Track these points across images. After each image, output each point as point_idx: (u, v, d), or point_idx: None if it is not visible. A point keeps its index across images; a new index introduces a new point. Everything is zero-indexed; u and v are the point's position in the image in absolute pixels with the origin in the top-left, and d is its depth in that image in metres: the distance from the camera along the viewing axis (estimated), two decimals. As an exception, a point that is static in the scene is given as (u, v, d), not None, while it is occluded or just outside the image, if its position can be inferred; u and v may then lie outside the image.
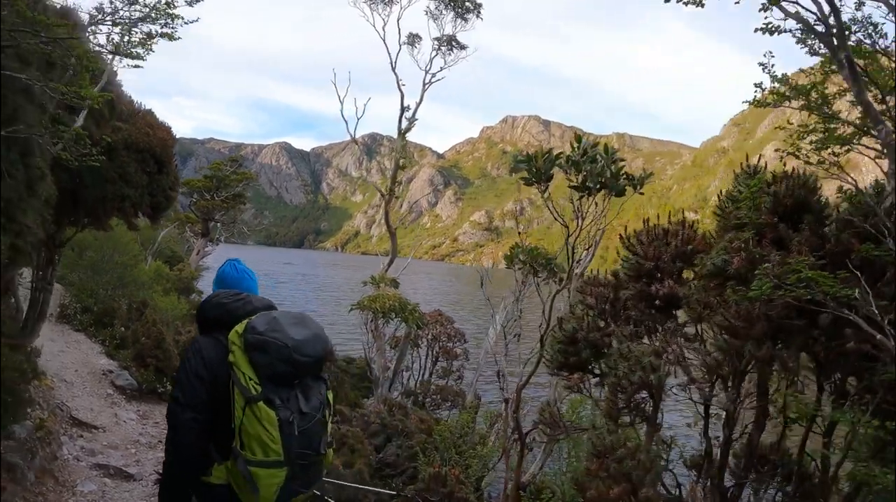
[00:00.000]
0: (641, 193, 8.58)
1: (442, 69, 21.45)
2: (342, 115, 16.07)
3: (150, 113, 11.20)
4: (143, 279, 21.92)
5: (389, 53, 20.57)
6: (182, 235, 49.12)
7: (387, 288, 15.25)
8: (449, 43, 23.26)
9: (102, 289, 19.32)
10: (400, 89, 15.43)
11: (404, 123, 16.16)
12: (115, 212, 10.58)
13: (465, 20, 23.47)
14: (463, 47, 23.62)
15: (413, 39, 23.21)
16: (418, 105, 15.48)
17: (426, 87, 15.43)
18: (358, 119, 15.81)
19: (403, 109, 15.33)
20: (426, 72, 21.24)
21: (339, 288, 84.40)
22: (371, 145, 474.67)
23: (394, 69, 19.19)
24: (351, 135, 15.42)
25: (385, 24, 21.99)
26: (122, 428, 11.84)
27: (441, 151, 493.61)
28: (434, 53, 22.68)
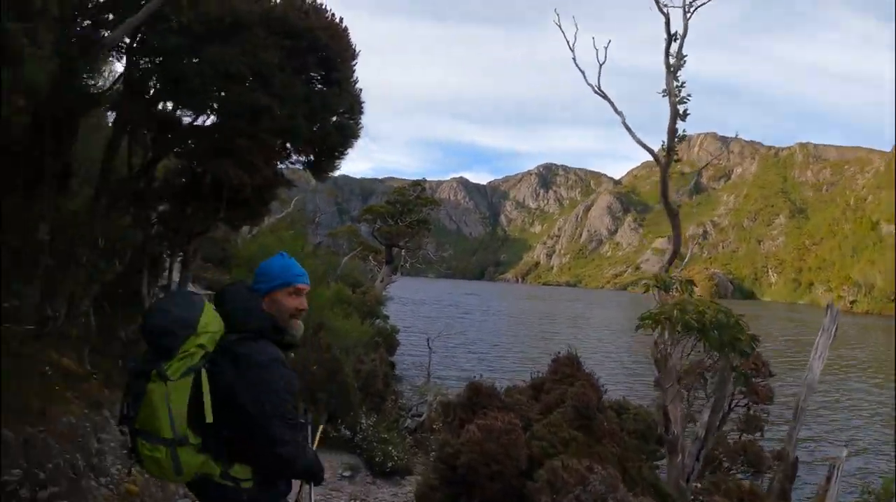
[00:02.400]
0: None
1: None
2: (575, 64, 12.07)
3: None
4: (321, 300, 19.28)
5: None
6: (365, 264, 48.98)
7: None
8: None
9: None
10: (662, 10, 11.25)
11: (671, 59, 11.73)
12: (244, 149, 7.30)
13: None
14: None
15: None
16: (683, 37, 11.24)
17: (689, 13, 11.23)
18: (601, 65, 11.66)
19: (670, 38, 11.11)
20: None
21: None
22: (546, 175, 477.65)
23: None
24: (594, 87, 11.43)
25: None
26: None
27: (617, 177, 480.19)
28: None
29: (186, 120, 9.17)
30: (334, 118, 8.06)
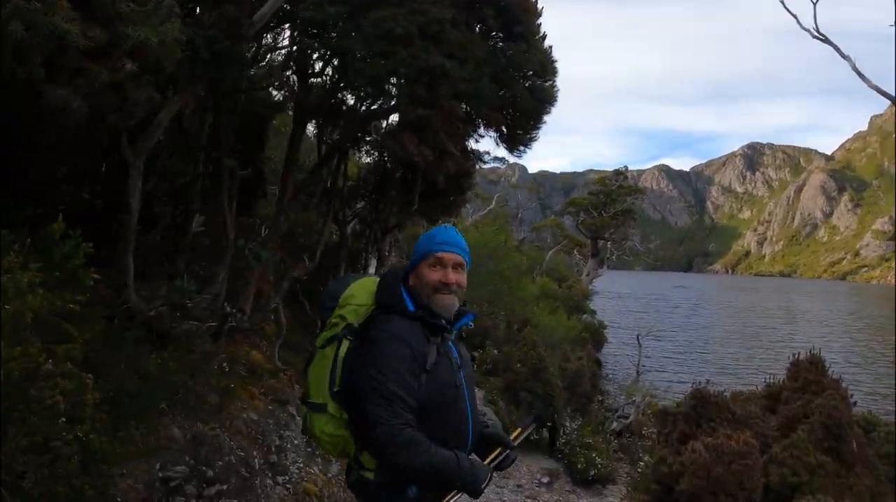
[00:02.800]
0: None
1: None
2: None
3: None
4: (526, 295, 18.49)
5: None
6: (570, 258, 48.25)
7: None
8: None
9: (474, 305, 16.23)
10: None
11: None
12: (424, 121, 6.45)
13: None
14: None
15: None
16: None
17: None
18: (815, 3, 9.78)
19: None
20: None
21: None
22: (751, 156, 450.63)
23: None
24: (812, 31, 9.60)
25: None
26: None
27: (829, 152, 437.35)
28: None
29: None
30: (523, 80, 7.09)
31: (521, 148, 8.36)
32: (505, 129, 7.33)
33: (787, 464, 5.68)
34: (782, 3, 9.57)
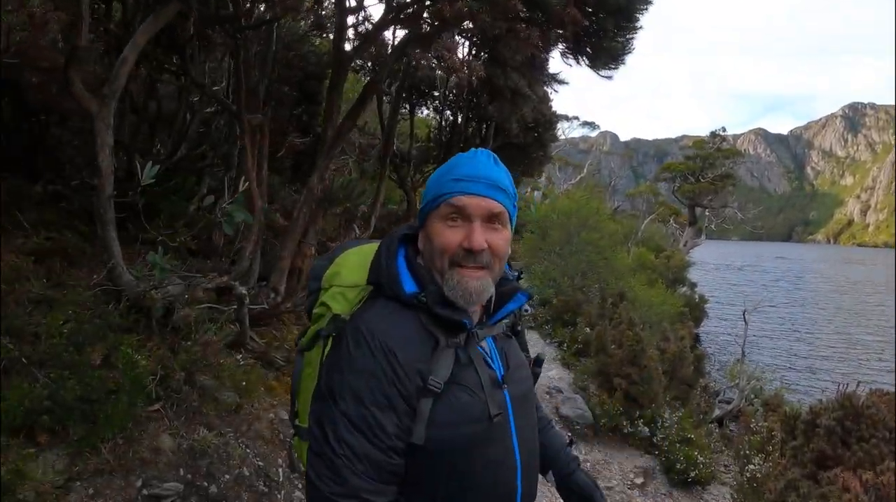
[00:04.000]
0: None
1: None
2: None
3: None
4: (621, 266, 17.07)
5: None
6: (666, 227, 46.71)
7: None
8: None
9: (566, 277, 14.87)
10: None
11: None
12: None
13: None
14: None
15: None
16: None
17: None
18: None
19: None
20: None
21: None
22: (853, 117, 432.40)
23: None
24: None
25: None
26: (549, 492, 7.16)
27: None
28: None
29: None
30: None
31: (611, 64, 6.36)
32: (585, 37, 5.66)
33: None
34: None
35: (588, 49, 5.94)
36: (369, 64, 10.19)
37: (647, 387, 9.31)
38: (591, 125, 55.29)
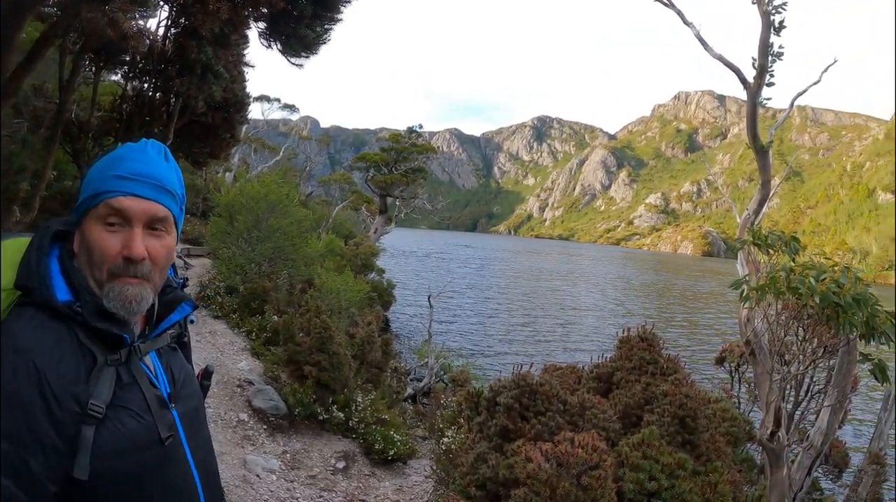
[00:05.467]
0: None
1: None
2: None
3: None
4: (311, 253, 17.17)
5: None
6: (358, 214, 48.13)
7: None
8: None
9: (253, 264, 14.62)
10: None
11: None
12: None
13: None
14: None
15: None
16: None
17: None
18: None
19: None
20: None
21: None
22: (540, 127, 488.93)
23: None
24: None
25: None
26: (255, 488, 7.36)
27: (612, 132, 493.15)
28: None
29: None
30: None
31: (303, 52, 6.32)
32: (282, 20, 5.53)
33: (642, 468, 4.66)
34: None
35: (283, 35, 5.82)
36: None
37: (338, 373, 9.52)
38: (292, 108, 54.98)
